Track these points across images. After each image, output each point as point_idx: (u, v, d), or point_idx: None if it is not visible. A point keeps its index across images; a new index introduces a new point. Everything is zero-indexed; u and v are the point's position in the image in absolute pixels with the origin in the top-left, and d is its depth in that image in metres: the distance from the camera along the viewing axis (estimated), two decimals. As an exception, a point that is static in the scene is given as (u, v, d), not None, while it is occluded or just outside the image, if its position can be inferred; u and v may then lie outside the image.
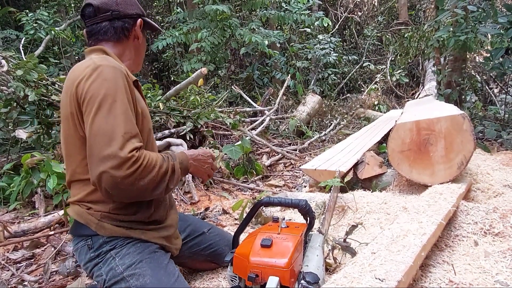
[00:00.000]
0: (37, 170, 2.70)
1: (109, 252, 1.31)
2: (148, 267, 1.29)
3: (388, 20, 11.03)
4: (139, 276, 1.27)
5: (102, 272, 1.30)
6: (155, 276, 1.28)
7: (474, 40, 3.78)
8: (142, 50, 1.57)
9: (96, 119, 1.18)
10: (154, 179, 1.23)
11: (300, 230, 1.43)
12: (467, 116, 2.28)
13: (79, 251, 1.36)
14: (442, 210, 1.74)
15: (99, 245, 1.32)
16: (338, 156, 3.18)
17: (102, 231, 1.31)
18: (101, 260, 1.31)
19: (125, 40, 1.47)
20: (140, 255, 1.31)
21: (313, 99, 6.41)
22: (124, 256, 1.30)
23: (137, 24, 1.49)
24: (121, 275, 1.27)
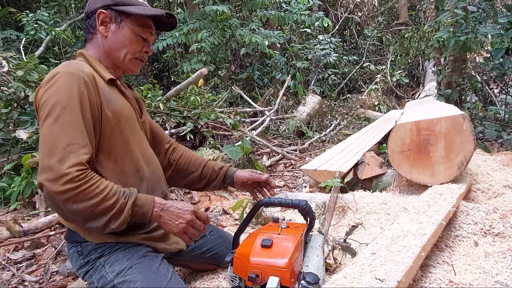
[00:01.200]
0: (37, 170, 2.71)
1: (98, 259, 1.30)
2: (138, 272, 1.26)
3: (388, 21, 11.03)
4: (129, 282, 1.24)
5: (94, 280, 1.29)
6: (145, 281, 1.24)
7: (474, 41, 3.78)
8: (120, 48, 1.38)
9: (43, 126, 1.16)
10: (92, 208, 1.13)
11: (300, 230, 1.43)
12: (467, 117, 2.28)
13: (71, 257, 1.36)
14: (442, 211, 1.74)
15: (87, 252, 1.31)
16: (338, 157, 3.18)
17: (90, 238, 1.29)
18: (91, 267, 1.30)
19: (94, 38, 1.39)
20: (129, 261, 1.28)
21: (313, 100, 6.41)
22: (114, 263, 1.28)
23: (95, 18, 1.36)
24: (111, 283, 1.25)
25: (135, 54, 1.42)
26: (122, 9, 1.36)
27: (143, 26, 1.41)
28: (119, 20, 1.37)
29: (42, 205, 2.78)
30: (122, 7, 1.36)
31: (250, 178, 1.67)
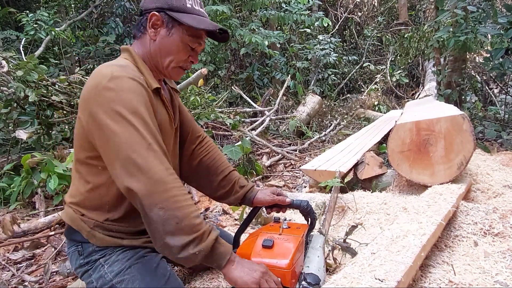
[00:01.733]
0: (37, 171, 2.71)
1: (98, 260, 1.30)
2: (137, 272, 1.26)
3: (388, 21, 11.03)
4: (128, 282, 1.24)
5: (93, 280, 1.30)
6: (144, 281, 1.25)
7: (474, 41, 3.79)
8: (165, 54, 1.33)
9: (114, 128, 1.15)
10: (177, 220, 1.09)
11: (301, 231, 1.43)
12: (467, 117, 2.28)
13: (70, 256, 1.36)
14: (442, 211, 1.75)
15: (88, 253, 1.31)
16: (338, 157, 3.19)
17: (93, 240, 1.30)
18: (91, 267, 1.31)
19: (143, 37, 1.35)
20: (129, 261, 1.29)
21: (313, 100, 6.42)
22: (113, 264, 1.28)
23: (147, 19, 1.31)
24: (110, 283, 1.26)
25: (179, 63, 1.36)
26: (175, 16, 1.30)
27: (194, 36, 1.35)
28: (170, 26, 1.31)
29: (42, 205, 2.78)
30: (176, 14, 1.30)
31: (271, 202, 1.58)
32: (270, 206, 1.62)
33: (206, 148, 1.65)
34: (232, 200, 1.63)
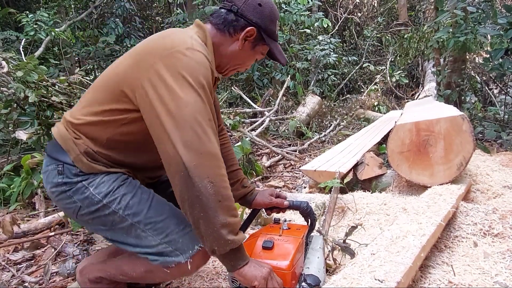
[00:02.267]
0: (37, 171, 2.71)
1: (81, 182, 1.30)
2: (126, 190, 1.31)
3: (388, 21, 11.03)
4: (120, 199, 1.29)
5: (76, 200, 1.30)
6: (136, 196, 1.31)
7: (474, 41, 3.79)
8: (238, 61, 1.46)
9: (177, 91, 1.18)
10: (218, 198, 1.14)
11: (301, 232, 1.44)
12: (467, 117, 2.29)
13: (47, 174, 1.34)
14: (442, 211, 1.75)
15: (70, 174, 1.30)
16: (338, 157, 3.19)
17: (79, 164, 1.30)
18: (70, 188, 1.30)
19: (227, 36, 1.40)
20: (115, 182, 1.31)
21: (313, 100, 6.41)
22: (99, 186, 1.30)
23: (246, 30, 1.38)
24: (100, 203, 1.28)
25: (240, 68, 1.51)
26: (266, 40, 1.43)
27: (263, 54, 1.50)
28: (256, 44, 1.43)
29: (42, 206, 2.78)
30: (267, 38, 1.43)
31: (269, 205, 1.63)
32: (269, 207, 1.62)
33: (223, 138, 1.72)
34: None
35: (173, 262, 1.27)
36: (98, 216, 1.30)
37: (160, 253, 1.28)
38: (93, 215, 1.30)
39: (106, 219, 1.30)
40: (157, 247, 1.28)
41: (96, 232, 1.41)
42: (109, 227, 1.32)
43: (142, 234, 1.28)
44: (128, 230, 1.29)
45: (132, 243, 1.30)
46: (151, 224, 1.28)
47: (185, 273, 1.34)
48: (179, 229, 1.29)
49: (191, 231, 1.28)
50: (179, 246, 1.27)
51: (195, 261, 1.28)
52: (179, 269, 1.29)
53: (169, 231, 1.28)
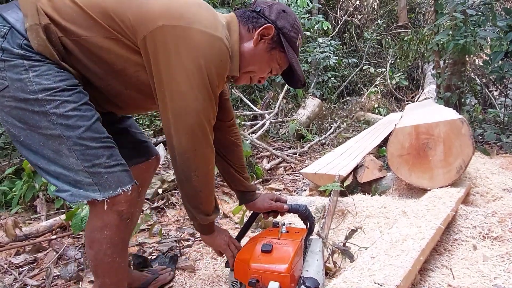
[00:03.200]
0: (39, 175, 2.72)
1: (21, 58, 1.07)
2: (71, 97, 1.11)
3: (388, 23, 11.06)
4: (60, 104, 1.09)
5: (6, 76, 1.07)
6: (80, 110, 1.12)
7: (474, 44, 3.81)
8: (252, 63, 1.35)
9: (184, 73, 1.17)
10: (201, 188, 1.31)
11: (300, 235, 1.44)
12: (466, 121, 2.30)
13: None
14: (441, 215, 1.76)
15: (14, 42, 1.07)
16: (338, 160, 3.20)
17: (32, 35, 1.07)
18: (6, 59, 1.07)
19: (246, 31, 1.33)
20: (62, 82, 1.11)
21: (313, 103, 6.43)
22: (42, 75, 1.08)
23: (263, 26, 1.30)
24: (34, 95, 1.07)
25: (252, 76, 1.41)
26: (285, 45, 1.33)
27: (281, 66, 1.40)
28: (273, 46, 1.34)
29: (43, 209, 2.79)
30: (286, 44, 1.33)
31: (268, 209, 1.65)
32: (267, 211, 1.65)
33: (235, 134, 1.70)
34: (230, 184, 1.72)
35: (86, 197, 1.12)
36: (21, 108, 1.08)
37: (76, 182, 1.12)
38: (17, 104, 1.08)
39: (30, 116, 1.08)
40: (76, 173, 1.11)
41: (6, 127, 1.12)
42: (27, 126, 1.09)
43: (65, 151, 1.10)
44: (51, 140, 1.10)
45: (48, 156, 1.11)
46: (82, 146, 1.11)
47: (98, 215, 1.15)
48: (109, 165, 1.14)
49: (121, 172, 1.16)
50: (101, 182, 1.12)
51: (113, 204, 1.14)
52: (93, 207, 1.16)
53: (98, 162, 1.12)
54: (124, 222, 1.18)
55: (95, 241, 1.18)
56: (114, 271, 1.23)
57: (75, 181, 1.12)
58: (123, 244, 1.25)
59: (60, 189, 1.13)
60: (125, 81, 1.23)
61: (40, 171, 1.15)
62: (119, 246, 1.21)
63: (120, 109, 1.36)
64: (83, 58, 1.16)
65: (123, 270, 1.26)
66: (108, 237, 1.17)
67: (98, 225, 1.16)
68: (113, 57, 1.17)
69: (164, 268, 1.82)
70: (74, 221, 2.09)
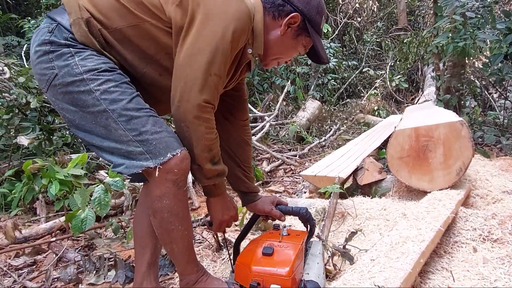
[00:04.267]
0: (38, 176, 2.72)
1: (67, 47, 1.18)
2: (112, 77, 1.19)
3: (388, 26, 11.09)
4: (102, 82, 1.17)
5: (54, 66, 1.18)
6: (120, 87, 1.19)
7: (473, 46, 3.81)
8: (279, 49, 1.43)
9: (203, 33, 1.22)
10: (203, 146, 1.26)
11: (301, 238, 1.44)
12: (465, 123, 2.30)
13: (37, 32, 1.24)
14: (441, 217, 1.76)
15: (61, 36, 1.19)
16: (338, 162, 3.20)
17: (75, 28, 1.19)
18: (54, 50, 1.18)
19: (271, 19, 1.38)
20: (104, 65, 1.20)
21: (313, 105, 6.44)
22: (86, 59, 1.18)
23: (290, 16, 1.35)
24: (79, 76, 1.16)
25: (280, 60, 1.48)
26: (310, 31, 1.38)
27: (306, 48, 1.46)
28: (299, 33, 1.39)
29: (43, 211, 2.79)
30: (312, 30, 1.38)
31: (268, 214, 1.64)
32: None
33: (247, 133, 1.72)
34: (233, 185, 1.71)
35: (140, 166, 1.16)
36: (70, 91, 1.18)
37: (128, 153, 1.17)
38: (66, 88, 1.18)
39: (78, 97, 1.17)
40: (126, 145, 1.17)
41: (63, 114, 1.23)
42: (78, 108, 1.19)
43: (113, 125, 1.16)
44: (99, 117, 1.17)
45: (100, 133, 1.19)
46: (127, 117, 1.17)
47: (155, 185, 1.20)
48: (155, 131, 1.18)
49: (168, 137, 1.19)
50: (151, 149, 1.16)
51: (167, 172, 1.17)
52: (149, 176, 1.20)
53: (144, 129, 1.17)
54: (181, 190, 1.22)
55: (157, 210, 1.22)
56: (180, 239, 1.27)
57: (128, 153, 1.18)
58: (184, 212, 1.27)
59: (115, 164, 1.20)
60: (159, 66, 1.30)
61: (97, 150, 1.23)
62: (179, 214, 1.24)
63: (156, 102, 1.35)
64: (121, 48, 1.26)
65: (188, 237, 1.30)
66: (168, 206, 1.21)
67: (157, 195, 1.20)
68: (146, 42, 1.26)
69: None
70: (74, 223, 2.09)
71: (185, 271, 1.32)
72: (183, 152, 1.21)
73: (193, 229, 1.39)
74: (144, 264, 1.45)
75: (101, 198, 2.18)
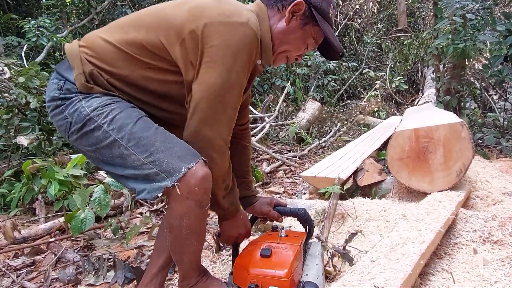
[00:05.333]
0: (38, 177, 2.72)
1: (76, 96, 1.22)
2: (116, 105, 1.21)
3: (388, 27, 11.09)
4: (107, 113, 1.18)
5: (66, 115, 1.22)
6: (125, 112, 1.20)
7: (473, 48, 3.81)
8: (287, 42, 1.35)
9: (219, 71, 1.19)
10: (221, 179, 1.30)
11: (299, 239, 1.44)
12: (466, 124, 2.30)
13: (48, 87, 1.28)
14: (441, 218, 1.75)
15: (69, 90, 1.23)
16: (338, 163, 3.19)
17: (78, 83, 1.21)
18: (64, 103, 1.22)
19: (276, 13, 1.33)
20: (109, 100, 1.22)
21: (313, 106, 6.43)
22: (92, 99, 1.20)
23: (294, 3, 1.28)
24: (87, 117, 1.19)
25: (289, 54, 1.41)
26: (317, 18, 1.31)
27: (316, 40, 1.39)
28: (306, 21, 1.33)
29: (42, 212, 2.79)
30: (318, 16, 1.31)
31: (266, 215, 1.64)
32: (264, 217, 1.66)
33: (246, 137, 1.70)
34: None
35: (160, 188, 1.14)
36: (85, 133, 1.20)
37: (146, 177, 1.16)
38: (81, 132, 1.21)
39: (92, 135, 1.20)
40: (142, 169, 1.16)
41: (88, 156, 1.28)
42: (95, 147, 1.21)
43: (125, 152, 1.17)
44: (113, 148, 1.18)
45: (119, 163, 1.19)
46: (135, 140, 1.16)
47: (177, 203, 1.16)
48: (164, 148, 1.16)
49: (179, 151, 1.17)
50: (164, 168, 1.14)
51: (185, 184, 1.13)
52: (170, 196, 1.17)
53: (153, 149, 1.16)
54: (203, 209, 1.19)
55: (174, 228, 1.20)
56: (193, 252, 1.27)
57: (146, 176, 1.16)
58: (201, 230, 1.26)
59: (138, 190, 1.19)
60: (174, 101, 1.31)
61: (122, 180, 1.25)
62: (197, 231, 1.23)
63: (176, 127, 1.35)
64: (131, 92, 1.27)
65: (199, 251, 1.31)
66: (187, 225, 1.18)
67: (177, 213, 1.18)
68: (155, 84, 1.27)
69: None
70: (73, 223, 2.09)
71: (187, 275, 1.31)
72: (200, 168, 1.16)
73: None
74: (156, 267, 1.46)
75: (101, 198, 2.17)
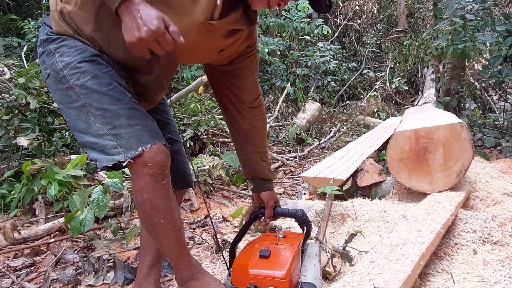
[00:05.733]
0: (38, 177, 2.71)
1: (48, 44, 1.22)
2: (89, 67, 1.17)
3: (387, 28, 11.11)
4: (79, 76, 1.16)
5: (47, 66, 1.23)
6: (98, 78, 1.17)
7: (473, 48, 3.82)
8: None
9: None
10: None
11: (297, 240, 1.44)
12: (465, 125, 2.30)
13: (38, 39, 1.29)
14: (441, 219, 1.76)
15: (43, 32, 1.24)
16: (338, 164, 3.19)
17: (51, 22, 1.22)
18: (44, 51, 1.23)
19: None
20: (80, 55, 1.19)
21: (313, 106, 6.44)
22: (64, 54, 1.19)
23: None
24: (61, 73, 1.18)
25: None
26: None
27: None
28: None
29: (42, 212, 2.78)
30: None
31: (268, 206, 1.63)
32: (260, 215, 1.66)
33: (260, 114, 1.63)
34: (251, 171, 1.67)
35: (111, 160, 1.14)
36: (59, 89, 1.20)
37: (104, 148, 1.15)
38: (56, 86, 1.21)
39: (66, 94, 1.19)
40: (102, 139, 1.15)
41: (61, 109, 1.25)
42: (65, 106, 1.20)
43: (91, 119, 1.16)
44: (81, 112, 1.17)
45: (82, 128, 1.18)
46: (102, 110, 1.15)
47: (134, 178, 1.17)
48: (129, 124, 1.15)
49: (141, 131, 1.16)
50: (123, 143, 1.13)
51: (139, 163, 1.13)
52: (130, 171, 1.17)
53: (117, 123, 1.15)
54: (159, 184, 1.17)
55: (139, 203, 1.19)
56: (165, 233, 1.22)
57: (103, 147, 1.15)
58: (165, 206, 1.20)
59: (93, 159, 1.18)
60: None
61: (84, 146, 1.21)
62: (160, 208, 1.19)
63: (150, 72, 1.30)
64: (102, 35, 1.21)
65: (174, 231, 1.24)
66: (148, 200, 1.17)
67: (136, 188, 1.18)
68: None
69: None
70: (73, 224, 2.09)
71: (178, 266, 1.29)
72: (158, 145, 1.16)
73: (183, 224, 1.32)
74: (145, 266, 1.44)
75: (100, 199, 2.17)
